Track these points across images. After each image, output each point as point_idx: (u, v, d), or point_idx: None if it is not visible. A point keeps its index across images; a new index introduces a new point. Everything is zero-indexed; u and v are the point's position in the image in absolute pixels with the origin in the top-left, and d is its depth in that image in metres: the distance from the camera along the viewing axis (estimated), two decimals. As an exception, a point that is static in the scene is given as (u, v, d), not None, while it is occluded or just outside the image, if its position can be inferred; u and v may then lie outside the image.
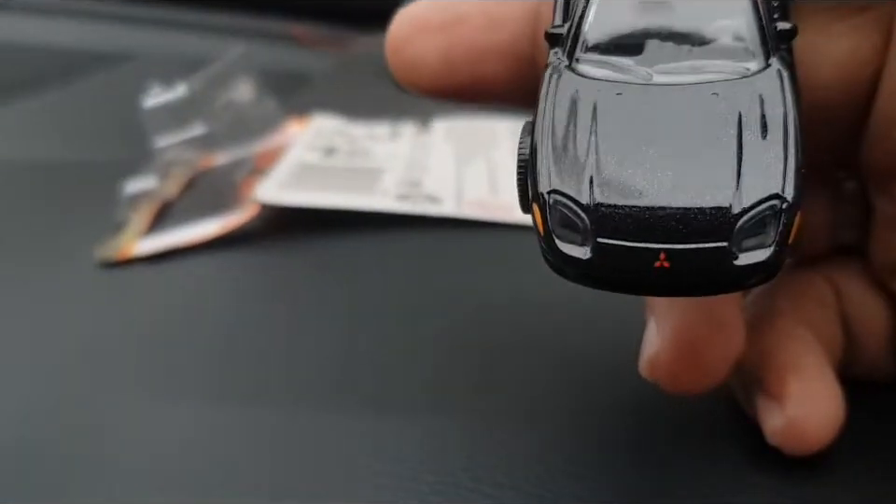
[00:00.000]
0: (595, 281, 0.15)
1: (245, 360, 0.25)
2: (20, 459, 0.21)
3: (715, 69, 0.16)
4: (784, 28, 0.16)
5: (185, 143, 0.34)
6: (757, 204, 0.14)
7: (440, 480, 0.20)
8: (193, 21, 0.52)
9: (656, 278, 0.14)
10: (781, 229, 0.14)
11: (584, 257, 0.15)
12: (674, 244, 0.14)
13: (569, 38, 0.17)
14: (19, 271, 0.30)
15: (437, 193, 0.32)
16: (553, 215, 0.15)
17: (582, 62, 0.16)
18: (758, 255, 0.14)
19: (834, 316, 0.21)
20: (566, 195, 0.15)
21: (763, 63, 0.16)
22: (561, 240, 0.15)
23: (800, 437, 0.19)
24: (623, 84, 0.16)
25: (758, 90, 0.15)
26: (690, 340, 0.18)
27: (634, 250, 0.14)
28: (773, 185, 0.14)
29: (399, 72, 0.19)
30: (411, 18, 0.19)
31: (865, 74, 0.17)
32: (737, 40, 0.16)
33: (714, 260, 0.14)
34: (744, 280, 0.15)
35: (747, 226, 0.14)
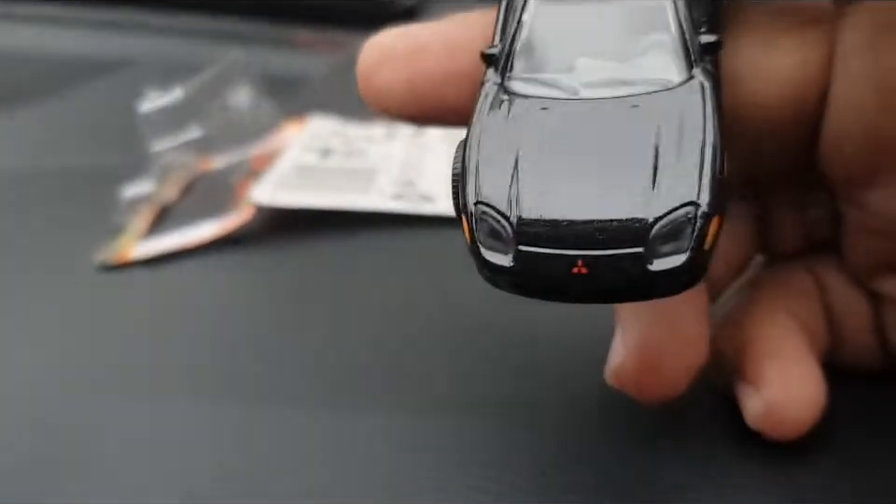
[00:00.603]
0: (519, 288, 0.16)
1: (244, 361, 0.25)
2: (19, 461, 0.21)
3: (639, 82, 0.16)
4: (708, 41, 0.16)
5: (182, 146, 0.34)
6: (671, 211, 0.15)
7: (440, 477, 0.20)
8: (189, 26, 0.52)
9: (575, 284, 0.15)
10: (697, 234, 0.15)
11: (507, 264, 0.15)
12: (591, 250, 0.15)
13: (502, 58, 0.17)
14: (20, 275, 0.30)
15: (431, 192, 0.32)
16: (480, 225, 0.16)
17: (514, 79, 0.17)
18: (674, 260, 0.15)
19: (817, 307, 0.21)
20: (490, 206, 0.16)
21: (685, 75, 0.16)
22: (487, 249, 0.16)
23: (779, 420, 0.19)
24: (549, 100, 0.16)
25: (677, 101, 0.16)
26: (652, 351, 0.19)
27: (553, 257, 0.15)
28: (688, 192, 0.15)
29: (368, 99, 0.20)
30: (377, 48, 0.20)
31: (812, 90, 0.18)
32: (661, 54, 0.17)
33: (630, 266, 0.15)
34: (661, 285, 0.15)
35: (661, 232, 0.15)
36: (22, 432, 0.22)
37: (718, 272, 0.21)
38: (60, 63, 0.48)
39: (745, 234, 0.21)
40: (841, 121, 0.18)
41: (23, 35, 0.52)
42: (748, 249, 0.22)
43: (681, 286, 0.15)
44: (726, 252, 0.21)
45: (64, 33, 0.52)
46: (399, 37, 0.20)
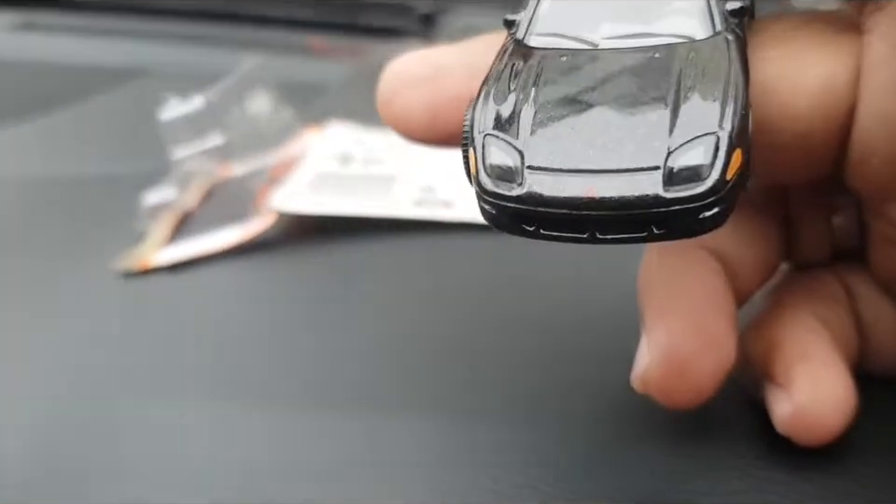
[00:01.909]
0: (525, 221, 0.15)
1: (264, 367, 0.25)
2: (42, 462, 0.22)
3: (662, 36, 0.16)
4: (734, 7, 0.16)
5: (203, 154, 0.34)
6: (690, 140, 0.14)
7: (457, 480, 0.20)
8: (209, 34, 0.53)
9: (586, 210, 0.14)
10: (717, 163, 0.14)
11: (514, 193, 0.15)
12: (605, 175, 0.14)
13: (524, 21, 0.17)
14: (43, 282, 0.30)
15: (451, 198, 0.32)
16: (487, 155, 0.15)
17: (534, 35, 0.17)
18: (691, 188, 0.14)
19: (846, 313, 0.21)
20: (499, 137, 0.15)
21: (710, 33, 0.16)
22: (493, 179, 0.15)
23: (808, 424, 0.19)
24: (568, 49, 0.16)
25: (701, 49, 0.16)
26: (679, 356, 0.19)
27: (564, 181, 0.14)
28: (709, 123, 0.14)
29: (390, 123, 0.20)
30: (398, 72, 0.20)
31: (841, 102, 0.18)
32: (686, 18, 0.16)
33: (644, 192, 0.14)
34: (680, 217, 0.14)
35: (680, 160, 0.14)
36: (45, 436, 0.23)
37: (745, 279, 0.21)
38: (81, 72, 0.48)
39: (771, 242, 0.21)
40: (868, 133, 0.18)
41: (45, 45, 0.53)
42: (774, 257, 0.21)
43: (701, 222, 0.14)
44: (753, 260, 0.21)
45: (85, 42, 0.53)
46: (420, 60, 0.20)
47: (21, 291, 0.30)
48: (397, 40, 0.49)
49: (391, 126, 0.20)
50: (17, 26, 0.56)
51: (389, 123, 0.20)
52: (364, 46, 0.50)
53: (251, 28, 0.53)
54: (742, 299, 0.21)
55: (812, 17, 0.18)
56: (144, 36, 0.53)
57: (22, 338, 0.27)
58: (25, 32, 0.55)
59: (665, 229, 0.14)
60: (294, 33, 0.52)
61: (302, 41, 0.52)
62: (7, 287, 0.30)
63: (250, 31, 0.53)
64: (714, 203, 0.14)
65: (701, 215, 0.14)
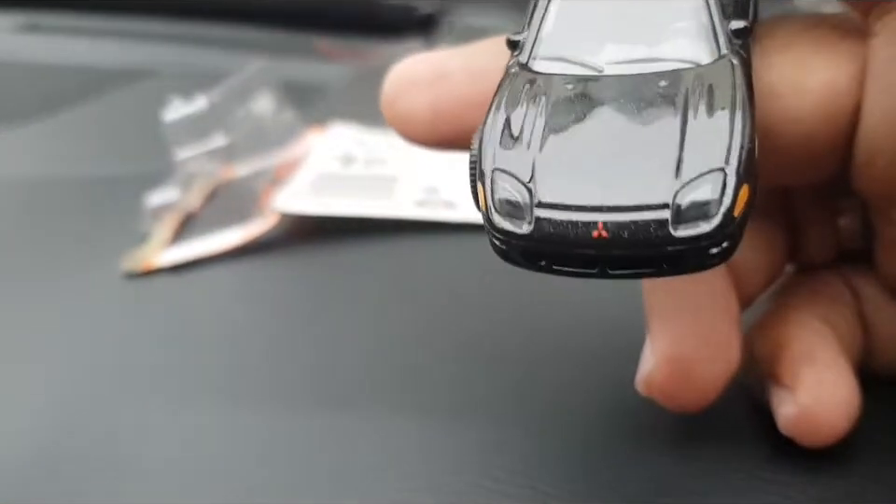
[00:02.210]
0: (535, 258, 0.15)
1: (267, 367, 0.25)
2: (45, 463, 0.22)
3: (667, 60, 0.16)
4: (738, 27, 0.16)
5: (206, 155, 0.35)
6: (698, 177, 0.14)
7: (459, 480, 0.20)
8: (212, 36, 0.53)
9: (595, 251, 0.14)
10: (725, 200, 0.14)
11: (524, 231, 0.15)
12: (613, 214, 0.14)
13: (528, 43, 0.17)
14: (46, 282, 0.30)
15: (454, 199, 0.32)
16: (496, 192, 0.15)
17: (538, 59, 0.17)
18: (700, 227, 0.14)
19: (851, 314, 0.21)
20: (508, 172, 0.15)
21: (715, 56, 0.16)
22: (502, 216, 0.15)
23: (813, 425, 0.19)
24: (573, 76, 0.16)
25: (706, 75, 0.15)
26: (683, 360, 0.19)
27: (573, 221, 0.14)
28: (715, 159, 0.14)
29: (393, 125, 0.20)
30: (401, 74, 0.20)
31: (845, 106, 0.17)
32: (690, 39, 0.16)
33: (653, 231, 0.14)
34: (688, 256, 0.14)
35: (688, 198, 0.14)
36: (48, 437, 0.23)
37: (749, 282, 0.21)
38: (84, 73, 0.48)
39: (776, 245, 0.21)
40: (873, 136, 0.18)
41: (49, 46, 0.53)
42: (779, 260, 0.21)
43: (710, 258, 0.14)
44: (758, 262, 0.21)
45: (89, 43, 0.53)
46: (423, 63, 0.20)
47: (25, 291, 0.30)
48: (399, 41, 0.49)
49: (394, 128, 0.20)
50: (21, 27, 0.56)
51: (392, 125, 0.20)
52: (367, 47, 0.50)
53: (254, 29, 0.53)
54: (747, 301, 0.21)
55: (816, 20, 0.18)
56: (147, 38, 0.53)
57: (26, 338, 0.27)
58: (29, 33, 0.55)
59: (675, 265, 0.14)
60: (296, 34, 0.52)
61: (305, 42, 0.52)
62: (11, 287, 0.30)
63: (253, 32, 0.53)
64: (723, 240, 0.14)
65: (710, 251, 0.14)
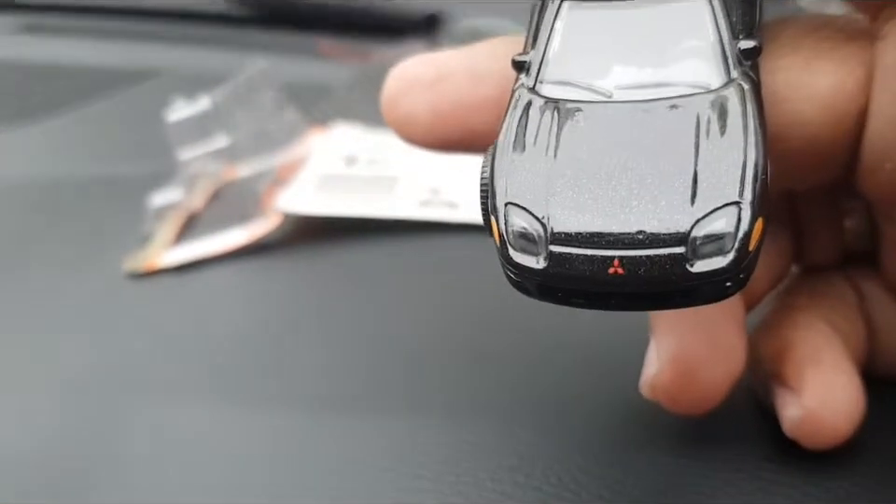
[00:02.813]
0: (550, 292, 0.15)
1: (270, 367, 0.25)
2: (48, 463, 0.22)
3: (676, 85, 0.16)
4: (747, 46, 0.16)
5: (209, 155, 0.35)
6: (713, 212, 0.14)
7: (461, 481, 0.20)
8: (214, 36, 0.53)
9: (611, 287, 0.14)
10: (740, 235, 0.14)
11: (539, 266, 0.15)
12: (628, 250, 0.14)
13: (534, 64, 0.17)
14: (50, 282, 0.30)
15: (456, 199, 0.32)
16: (510, 227, 0.15)
17: (545, 83, 0.16)
18: (717, 262, 0.14)
19: (856, 316, 0.21)
20: (522, 207, 0.15)
21: (725, 79, 0.16)
22: (517, 251, 0.15)
23: (817, 428, 0.19)
24: (583, 102, 0.16)
25: (717, 101, 0.15)
26: (688, 362, 0.19)
27: (588, 257, 0.14)
28: (730, 192, 0.14)
29: (394, 126, 0.20)
30: (403, 75, 0.20)
31: (851, 109, 0.17)
32: (699, 60, 0.16)
33: (670, 267, 0.14)
34: (703, 289, 0.14)
35: (703, 233, 0.14)
36: (51, 437, 0.23)
37: (754, 283, 0.21)
38: (87, 74, 0.49)
39: (781, 246, 0.21)
40: (881, 140, 0.17)
41: (51, 47, 0.53)
42: (784, 261, 0.21)
43: (725, 290, 0.14)
44: (763, 264, 0.21)
45: (92, 44, 0.53)
46: (424, 64, 0.20)
47: (28, 291, 0.30)
48: (401, 42, 0.49)
49: (394, 129, 0.20)
50: (23, 29, 0.56)
51: (393, 126, 0.20)
52: (369, 48, 0.50)
53: (257, 30, 0.53)
54: (752, 303, 0.21)
55: (822, 22, 0.18)
56: (150, 38, 0.53)
57: (29, 337, 0.27)
58: (32, 34, 0.55)
59: (690, 299, 0.15)
60: (299, 35, 0.53)
61: (308, 43, 0.52)
62: (14, 286, 0.30)
63: (256, 33, 0.53)
64: (738, 273, 0.14)
65: (725, 284, 0.14)
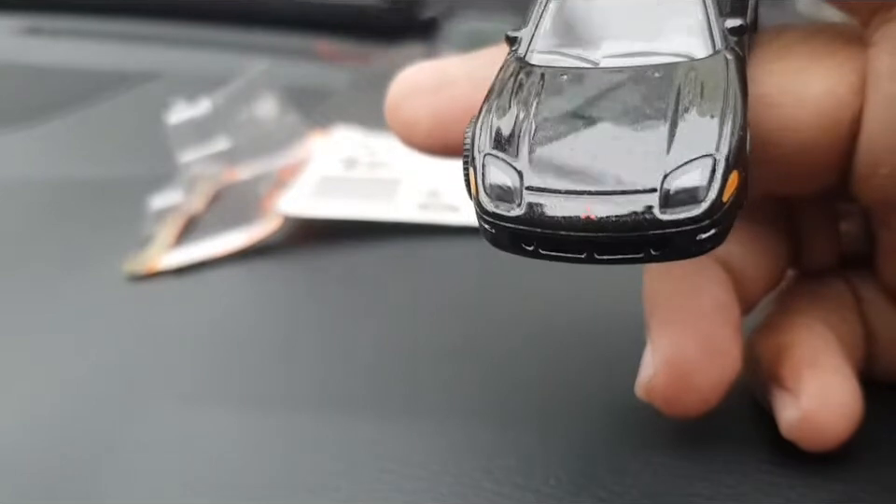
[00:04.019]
0: (524, 241, 0.15)
1: (270, 369, 0.25)
2: (47, 464, 0.22)
3: (662, 55, 0.16)
4: (734, 25, 0.16)
5: (209, 158, 0.35)
6: (687, 163, 0.14)
7: (459, 482, 0.20)
8: (216, 38, 0.53)
9: (583, 232, 0.14)
10: (713, 185, 0.14)
11: (513, 214, 0.15)
12: (602, 196, 0.14)
13: (525, 39, 0.17)
14: (50, 285, 0.30)
15: (456, 202, 0.32)
16: (487, 175, 0.15)
17: (535, 53, 0.17)
18: (687, 210, 0.14)
19: (853, 318, 0.21)
20: (499, 157, 0.15)
21: (710, 52, 0.16)
22: (493, 199, 0.15)
23: (815, 430, 0.19)
24: (569, 67, 0.16)
25: (700, 68, 0.16)
26: (683, 365, 0.19)
27: (562, 204, 0.14)
28: (706, 145, 0.14)
29: (396, 131, 0.20)
30: (405, 81, 0.20)
31: (844, 115, 0.18)
32: (686, 35, 0.16)
33: (640, 214, 0.14)
34: (677, 240, 0.14)
35: (676, 182, 0.14)
36: (51, 438, 0.23)
37: (751, 286, 0.21)
38: (88, 76, 0.49)
39: (778, 250, 0.21)
40: (874, 146, 0.18)
41: (52, 49, 0.53)
42: (780, 265, 0.21)
43: (699, 244, 0.15)
44: (759, 268, 0.21)
45: (92, 46, 0.53)
46: (427, 71, 0.20)
47: (28, 293, 0.30)
48: (401, 45, 0.49)
49: (397, 134, 0.20)
50: (24, 30, 0.56)
51: (395, 131, 0.20)
52: (369, 51, 0.50)
53: (257, 32, 0.53)
54: (748, 307, 0.21)
55: (816, 29, 0.18)
56: (151, 41, 0.53)
57: (29, 339, 0.27)
58: (33, 36, 0.56)
59: (663, 250, 0.15)
60: (299, 37, 0.53)
61: (309, 46, 0.52)
62: (15, 289, 0.30)
63: (256, 35, 0.53)
64: (711, 225, 0.14)
65: (698, 236, 0.14)
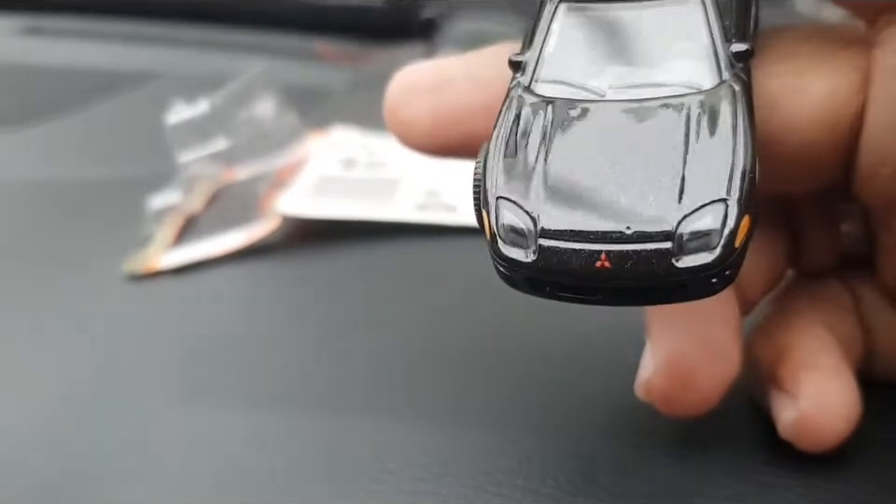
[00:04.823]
0: (539, 285, 0.15)
1: (269, 369, 0.25)
2: (46, 464, 0.22)
3: (669, 85, 0.16)
4: (739, 49, 0.16)
5: (208, 158, 0.35)
6: (700, 208, 0.14)
7: (460, 483, 0.20)
8: (214, 39, 0.53)
9: (598, 281, 0.15)
10: (726, 231, 0.14)
11: (528, 260, 0.15)
12: (616, 244, 0.14)
13: (530, 64, 0.17)
14: (49, 285, 0.30)
15: (454, 202, 0.32)
16: (500, 220, 0.15)
17: (540, 82, 0.17)
18: (703, 258, 0.14)
19: (852, 319, 0.21)
20: (513, 201, 0.15)
21: (717, 80, 0.16)
22: (507, 244, 0.15)
23: (813, 431, 0.19)
24: (576, 101, 0.16)
25: (708, 101, 0.16)
26: (683, 365, 0.19)
27: (576, 251, 0.15)
28: (718, 189, 0.15)
29: (395, 131, 0.20)
30: (404, 82, 0.20)
31: (846, 114, 0.18)
32: (692, 61, 0.16)
33: (655, 262, 0.14)
34: (690, 285, 0.15)
35: (690, 229, 0.14)
36: (50, 438, 0.23)
37: (750, 287, 0.21)
38: (88, 76, 0.49)
39: (777, 251, 0.21)
40: (877, 146, 0.18)
41: (52, 49, 0.53)
42: (780, 265, 0.21)
43: (711, 287, 0.15)
44: (758, 268, 0.21)
45: (92, 46, 0.53)
46: (426, 71, 0.20)
47: (28, 293, 0.30)
48: (400, 46, 0.49)
49: (396, 135, 0.20)
50: (24, 31, 0.56)
51: (394, 132, 0.20)
52: (368, 51, 0.50)
53: (256, 33, 0.53)
54: (747, 307, 0.21)
55: (818, 29, 0.18)
56: (150, 41, 0.53)
57: (29, 340, 0.27)
58: (32, 36, 0.56)
59: (676, 294, 0.15)
60: (298, 38, 0.53)
61: (307, 46, 0.52)
62: (14, 289, 0.30)
63: (255, 35, 0.53)
64: (725, 269, 0.15)
65: (711, 280, 0.15)
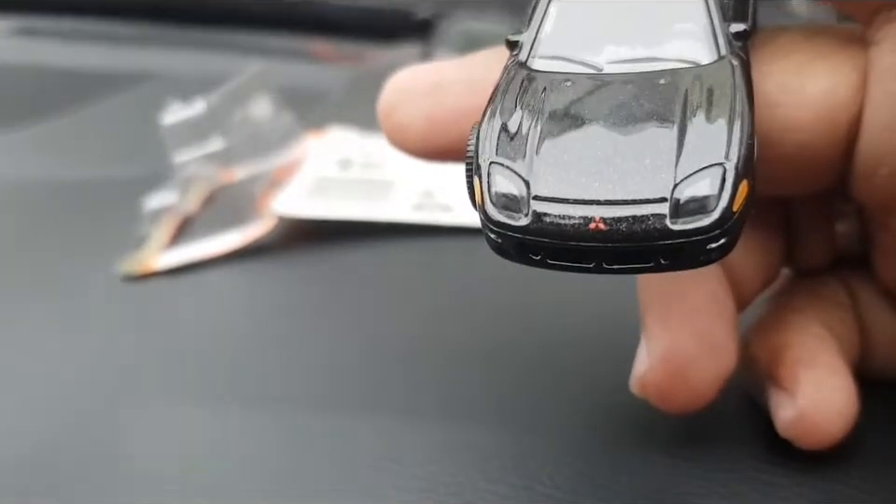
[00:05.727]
0: (531, 251, 0.15)
1: (265, 370, 0.25)
2: (43, 465, 0.22)
3: (667, 60, 0.16)
4: (738, 29, 0.16)
5: (204, 158, 0.35)
6: (697, 172, 0.14)
7: (455, 481, 0.20)
8: (211, 39, 0.53)
9: (592, 244, 0.14)
10: (723, 195, 0.14)
11: (520, 223, 0.15)
12: (611, 206, 0.14)
13: (527, 43, 0.17)
14: (44, 285, 0.30)
15: (450, 202, 0.32)
16: (493, 184, 0.15)
17: (538, 58, 0.17)
18: (698, 221, 0.14)
19: (849, 317, 0.21)
20: (505, 166, 0.15)
21: (715, 57, 0.16)
22: (498, 209, 0.15)
23: (811, 429, 0.19)
24: (573, 74, 0.16)
25: (707, 73, 0.16)
26: (678, 360, 0.19)
27: (570, 214, 0.14)
28: (715, 154, 0.14)
29: (389, 135, 0.20)
30: (399, 85, 0.20)
31: (844, 114, 0.18)
32: (691, 40, 0.16)
33: (651, 224, 0.14)
34: (686, 249, 0.14)
35: (686, 192, 0.14)
36: (46, 439, 0.23)
37: (746, 284, 0.21)
38: (83, 77, 0.49)
39: (773, 248, 0.21)
40: (875, 146, 0.18)
41: (47, 50, 0.53)
42: (776, 263, 0.21)
43: (708, 253, 0.14)
44: (755, 265, 0.21)
45: (88, 47, 0.53)
46: (420, 74, 0.20)
47: (23, 294, 0.30)
48: (396, 46, 0.49)
49: (390, 138, 0.20)
50: (18, 31, 0.56)
51: (388, 135, 0.20)
52: (364, 51, 0.50)
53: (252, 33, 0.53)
54: (743, 304, 0.21)
55: (816, 29, 0.19)
56: (146, 41, 0.53)
57: (24, 340, 0.27)
58: (27, 36, 0.55)
59: (672, 260, 0.14)
60: (294, 38, 0.53)
61: (303, 46, 0.52)
62: (9, 290, 0.30)
63: (251, 36, 0.53)
64: (721, 235, 0.14)
65: (708, 246, 0.14)
